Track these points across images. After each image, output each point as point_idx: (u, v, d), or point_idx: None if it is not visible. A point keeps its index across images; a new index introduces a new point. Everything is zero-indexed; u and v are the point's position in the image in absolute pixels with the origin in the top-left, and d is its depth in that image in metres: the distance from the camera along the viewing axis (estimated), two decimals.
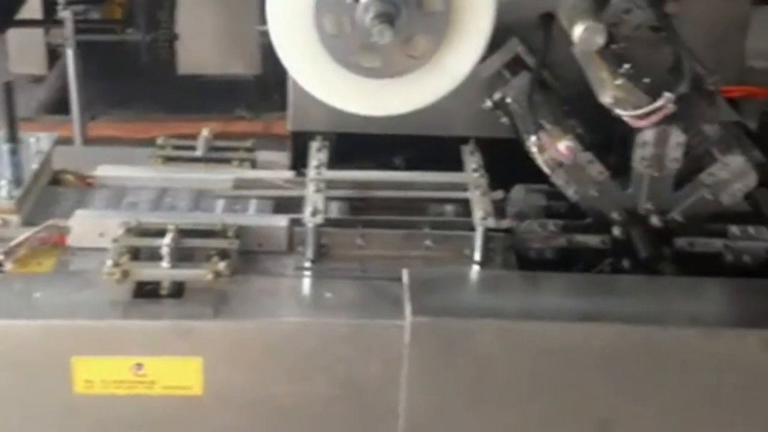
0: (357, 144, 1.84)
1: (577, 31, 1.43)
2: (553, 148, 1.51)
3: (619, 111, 1.46)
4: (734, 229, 1.63)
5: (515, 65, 1.73)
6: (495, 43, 1.71)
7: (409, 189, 1.70)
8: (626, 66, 1.50)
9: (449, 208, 1.67)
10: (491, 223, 1.57)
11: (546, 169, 1.55)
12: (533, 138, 1.52)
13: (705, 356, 1.44)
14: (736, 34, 1.94)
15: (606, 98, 1.47)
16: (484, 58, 1.71)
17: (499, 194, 1.72)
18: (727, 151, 1.60)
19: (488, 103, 1.75)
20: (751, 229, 1.63)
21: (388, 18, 1.38)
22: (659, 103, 1.43)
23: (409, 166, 1.84)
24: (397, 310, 1.44)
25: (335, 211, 1.67)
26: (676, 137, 1.57)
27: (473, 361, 1.44)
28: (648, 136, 1.57)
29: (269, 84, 3.27)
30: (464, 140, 1.83)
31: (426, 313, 1.43)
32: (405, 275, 1.50)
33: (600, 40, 1.43)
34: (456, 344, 1.43)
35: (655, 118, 1.45)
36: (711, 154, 1.63)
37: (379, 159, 1.86)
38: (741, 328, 1.45)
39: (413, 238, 1.59)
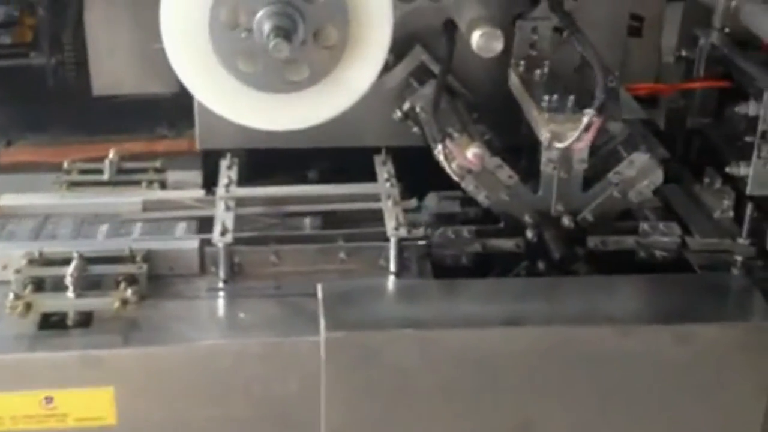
0: (270, 159, 1.82)
1: (475, 37, 1.43)
2: (461, 155, 1.51)
3: (558, 145, 1.47)
4: (645, 226, 1.65)
5: (422, 74, 1.73)
6: (401, 52, 1.73)
7: (322, 202, 1.68)
8: (546, 98, 1.51)
9: (307, 221, 1.66)
10: (403, 232, 1.56)
11: (455, 177, 1.55)
12: (439, 147, 1.51)
13: (621, 353, 1.45)
14: (651, 31, 1.97)
15: (544, 135, 1.49)
16: (389, 68, 1.71)
17: (412, 203, 1.72)
18: (632, 149, 1.62)
19: (398, 114, 1.74)
20: (661, 225, 1.65)
21: (284, 33, 1.36)
22: (585, 121, 1.44)
23: (324, 179, 1.83)
24: (312, 326, 1.42)
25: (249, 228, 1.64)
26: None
27: (391, 372, 1.43)
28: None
29: (189, 101, 3.22)
30: (378, 150, 1.82)
31: (341, 328, 1.41)
32: (319, 290, 1.49)
33: (498, 45, 1.43)
34: (373, 357, 1.42)
35: (591, 134, 1.46)
36: (618, 153, 1.65)
37: (293, 173, 1.85)
38: (655, 324, 1.46)
39: (327, 251, 1.58)
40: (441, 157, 1.52)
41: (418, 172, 1.72)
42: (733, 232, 1.63)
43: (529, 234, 1.63)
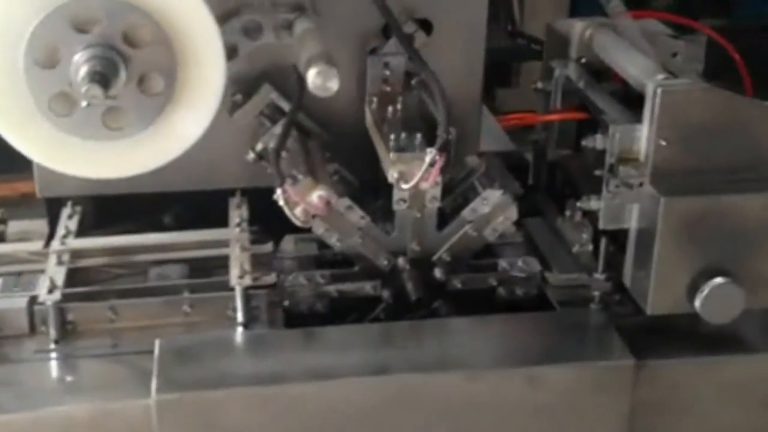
0: (122, 206, 1.72)
1: (310, 76, 1.37)
2: (303, 200, 1.44)
3: (404, 185, 1.42)
4: (504, 263, 1.60)
5: (274, 113, 1.67)
6: (251, 90, 1.66)
7: (168, 251, 1.60)
8: (393, 136, 1.46)
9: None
10: (248, 281, 1.48)
11: (298, 223, 1.48)
12: (278, 191, 1.44)
13: (472, 399, 1.40)
14: None
15: (392, 175, 1.43)
16: (239, 107, 1.65)
17: (267, 247, 1.65)
18: (486, 185, 1.58)
19: (251, 155, 1.67)
20: (520, 262, 1.61)
21: (99, 77, 1.28)
22: (427, 161, 1.40)
23: (180, 224, 1.74)
24: (144, 387, 1.34)
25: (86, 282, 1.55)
26: None
27: None
28: None
29: None
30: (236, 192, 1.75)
31: (173, 388, 1.33)
32: (156, 347, 1.40)
33: (333, 85, 1.37)
34: (211, 420, 1.34)
35: (435, 174, 1.41)
36: (475, 189, 1.61)
37: (148, 219, 1.76)
38: (504, 367, 1.41)
39: (170, 304, 1.50)
40: (281, 202, 1.45)
41: (280, 214, 1.65)
42: (591, 266, 1.59)
43: (385, 276, 1.57)
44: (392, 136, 1.48)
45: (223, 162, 1.70)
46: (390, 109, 1.60)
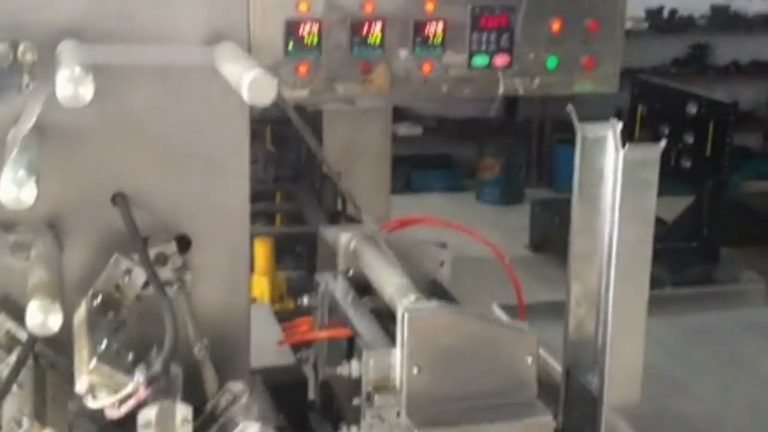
0: None
1: (29, 310, 1.23)
2: None
3: (90, 402, 1.26)
4: None
5: (11, 342, 1.50)
6: None
7: None
8: (103, 345, 1.31)
9: None
10: None
11: None
12: None
13: None
14: None
15: (79, 385, 1.27)
16: None
17: None
18: (245, 416, 1.45)
19: None
20: None
21: None
22: (129, 389, 1.25)
23: None
24: None
25: None
26: (182, 411, 1.40)
27: None
28: (149, 413, 1.39)
29: None
30: None
31: None
32: None
33: (54, 323, 1.24)
34: None
35: (130, 403, 1.27)
36: (234, 420, 1.48)
37: None
38: None
39: None
40: None
41: None
42: None
43: None
44: (104, 342, 1.32)
45: None
46: (111, 314, 1.45)
